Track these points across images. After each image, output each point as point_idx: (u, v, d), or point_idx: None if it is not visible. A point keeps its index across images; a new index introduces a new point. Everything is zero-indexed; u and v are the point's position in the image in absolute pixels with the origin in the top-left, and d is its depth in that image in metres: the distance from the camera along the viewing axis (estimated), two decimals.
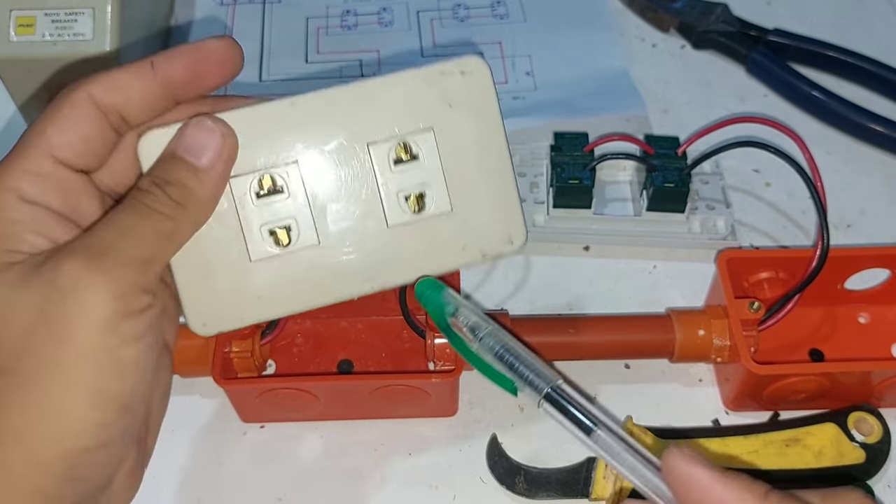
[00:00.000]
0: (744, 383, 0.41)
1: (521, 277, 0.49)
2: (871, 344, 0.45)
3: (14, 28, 0.49)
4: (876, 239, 0.50)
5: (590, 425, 0.30)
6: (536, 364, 0.31)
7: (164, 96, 0.30)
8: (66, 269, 0.26)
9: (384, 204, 0.32)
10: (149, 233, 0.28)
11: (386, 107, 0.31)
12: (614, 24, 0.61)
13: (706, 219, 0.49)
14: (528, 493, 0.40)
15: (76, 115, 0.28)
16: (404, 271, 0.32)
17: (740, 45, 0.58)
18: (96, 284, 0.26)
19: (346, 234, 0.32)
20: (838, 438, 0.40)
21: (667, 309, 0.44)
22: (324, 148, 0.31)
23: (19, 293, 0.26)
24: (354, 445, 0.42)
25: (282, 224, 0.31)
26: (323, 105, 0.31)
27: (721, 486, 0.27)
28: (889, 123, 0.53)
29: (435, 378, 0.40)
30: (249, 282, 0.31)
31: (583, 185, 0.48)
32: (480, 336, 0.31)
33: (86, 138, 0.29)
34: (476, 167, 0.32)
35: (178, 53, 0.30)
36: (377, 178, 0.32)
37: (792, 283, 0.43)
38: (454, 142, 0.32)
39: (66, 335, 0.26)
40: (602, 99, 0.56)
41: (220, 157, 0.30)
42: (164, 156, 0.30)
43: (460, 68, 0.31)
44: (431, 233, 0.32)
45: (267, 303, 0.32)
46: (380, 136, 0.31)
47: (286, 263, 0.32)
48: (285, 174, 0.31)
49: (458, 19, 0.62)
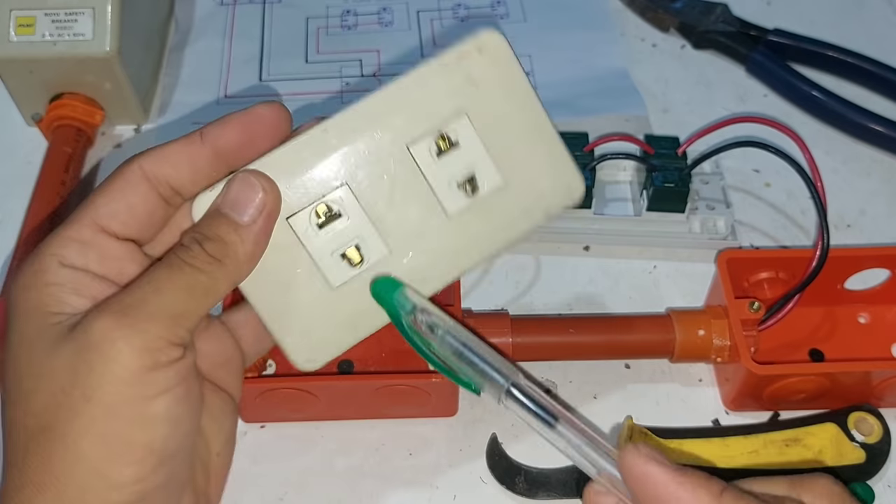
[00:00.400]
0: (744, 383, 0.41)
1: (521, 277, 0.49)
2: (871, 344, 0.45)
3: (14, 28, 0.50)
4: (876, 239, 0.50)
5: (550, 420, 0.30)
6: (496, 361, 0.31)
7: (215, 165, 0.31)
8: (96, 326, 0.27)
9: (438, 196, 0.32)
10: (181, 287, 0.28)
11: (413, 106, 0.32)
12: (614, 24, 0.61)
13: (706, 219, 0.49)
14: (528, 493, 0.40)
15: (125, 186, 0.30)
16: (477, 252, 0.33)
17: (740, 45, 0.58)
18: (122, 339, 0.27)
19: (411, 236, 0.32)
20: (838, 438, 0.40)
21: (667, 309, 0.44)
22: (366, 162, 0.32)
23: (55, 352, 0.27)
24: (354, 445, 0.42)
25: (350, 244, 0.32)
26: (353, 122, 0.31)
27: (676, 485, 0.27)
28: (889, 123, 0.53)
29: (435, 378, 0.40)
30: (339, 308, 0.32)
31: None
32: (439, 334, 0.31)
33: (132, 208, 0.30)
34: (516, 135, 0.32)
35: (228, 122, 0.30)
36: (425, 175, 0.32)
37: (792, 283, 0.43)
38: (489, 119, 0.32)
39: (94, 390, 0.27)
40: (602, 99, 0.56)
41: (262, 213, 0.30)
42: (208, 212, 0.30)
43: (477, 47, 0.31)
44: (492, 210, 0.33)
45: (360, 321, 0.33)
46: (416, 134, 0.32)
47: (366, 280, 0.32)
48: (338, 198, 0.32)
49: (458, 19, 0.62)
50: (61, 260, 0.29)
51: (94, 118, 0.53)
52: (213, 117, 0.31)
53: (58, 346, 0.28)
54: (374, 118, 0.31)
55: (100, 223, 0.29)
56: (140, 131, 0.56)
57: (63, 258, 0.29)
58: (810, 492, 0.29)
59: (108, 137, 0.55)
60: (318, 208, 0.32)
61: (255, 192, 0.30)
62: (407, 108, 0.32)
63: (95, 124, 0.53)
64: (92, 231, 0.29)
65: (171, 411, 0.28)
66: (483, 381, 0.31)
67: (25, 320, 0.29)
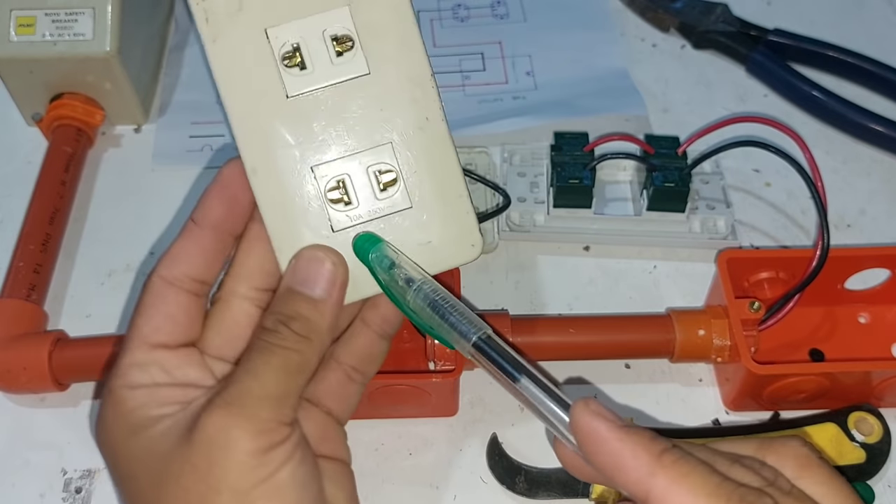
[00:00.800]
0: (744, 383, 0.41)
1: (521, 277, 0.49)
2: (871, 344, 0.45)
3: (14, 28, 0.50)
4: (876, 239, 0.50)
5: (515, 373, 0.30)
6: (466, 314, 0.31)
7: (220, 241, 0.32)
8: (209, 422, 0.28)
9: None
10: (278, 369, 0.30)
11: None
12: (614, 24, 0.61)
13: (706, 219, 0.49)
14: (528, 493, 0.40)
15: (155, 300, 0.31)
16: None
17: (740, 45, 0.58)
18: (236, 428, 0.28)
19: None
20: (838, 438, 0.40)
21: (667, 309, 0.44)
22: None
23: (170, 458, 0.29)
24: (354, 445, 0.42)
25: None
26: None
27: (616, 441, 0.27)
28: (889, 123, 0.53)
29: (435, 378, 0.40)
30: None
31: (583, 184, 0.48)
32: (413, 288, 0.31)
33: (171, 317, 0.31)
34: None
35: (208, 198, 0.32)
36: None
37: (792, 283, 0.43)
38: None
39: (221, 481, 0.28)
40: (602, 99, 0.56)
41: (335, 286, 0.31)
42: (280, 291, 0.31)
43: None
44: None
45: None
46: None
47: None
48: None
49: (458, 19, 0.62)
50: (130, 386, 0.30)
51: (94, 118, 0.53)
52: (213, 117, 0.31)
53: (172, 453, 0.29)
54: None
55: (148, 342, 0.31)
56: (140, 131, 0.56)
57: (130, 384, 0.30)
58: (775, 453, 0.28)
59: (108, 137, 0.55)
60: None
61: (325, 266, 0.31)
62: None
63: (95, 124, 0.53)
64: (144, 352, 0.31)
65: (297, 476, 0.29)
66: (454, 334, 0.31)
67: (127, 447, 0.30)
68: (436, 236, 0.32)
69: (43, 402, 0.44)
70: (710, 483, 0.26)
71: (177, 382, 0.31)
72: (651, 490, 0.26)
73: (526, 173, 0.50)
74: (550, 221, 0.49)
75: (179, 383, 0.31)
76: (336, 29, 0.31)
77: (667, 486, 0.26)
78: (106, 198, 0.52)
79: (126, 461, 0.30)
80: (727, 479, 0.26)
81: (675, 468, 0.26)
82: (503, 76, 0.58)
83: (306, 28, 0.31)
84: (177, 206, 0.52)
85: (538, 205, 0.49)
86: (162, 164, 0.54)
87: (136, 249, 0.50)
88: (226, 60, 0.30)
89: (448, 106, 0.32)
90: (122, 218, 0.51)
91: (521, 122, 0.54)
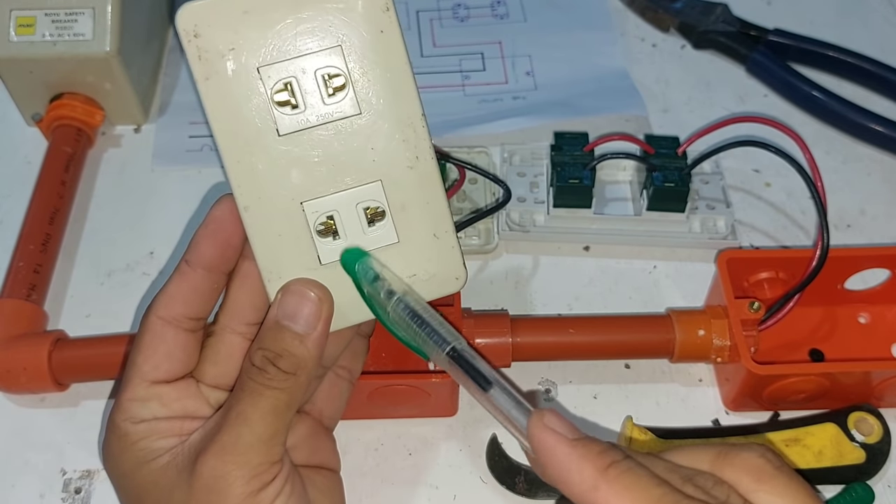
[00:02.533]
0: (744, 383, 0.41)
1: (521, 277, 0.49)
2: (871, 344, 0.45)
3: (14, 28, 0.50)
4: (876, 239, 0.50)
5: (484, 384, 0.30)
6: (441, 327, 0.31)
7: (213, 280, 0.33)
8: (204, 470, 0.30)
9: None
10: (267, 412, 0.31)
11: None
12: (614, 24, 0.61)
13: (706, 219, 0.49)
14: (528, 493, 0.40)
15: (153, 339, 0.32)
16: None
17: (740, 45, 0.58)
18: (230, 474, 0.30)
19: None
20: (838, 438, 0.40)
21: (667, 309, 0.44)
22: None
23: (171, 495, 0.31)
24: (354, 445, 0.42)
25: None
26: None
27: (564, 455, 0.27)
28: (889, 123, 0.53)
29: (435, 378, 0.40)
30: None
31: (583, 184, 0.48)
32: (393, 300, 0.32)
33: (169, 355, 0.32)
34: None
35: (200, 240, 0.32)
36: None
37: (792, 283, 0.43)
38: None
39: None
40: (602, 99, 0.56)
41: (320, 319, 0.32)
42: (267, 324, 0.32)
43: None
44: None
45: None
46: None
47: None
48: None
49: (458, 19, 0.62)
50: (132, 420, 0.32)
51: (94, 118, 0.53)
52: None
53: (173, 490, 0.31)
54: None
55: (148, 379, 0.32)
56: (140, 131, 0.56)
57: (132, 418, 0.32)
58: (732, 466, 0.28)
59: (108, 137, 0.55)
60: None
61: (309, 300, 0.31)
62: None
63: (95, 124, 0.53)
64: (144, 388, 0.32)
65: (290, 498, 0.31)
66: (429, 346, 0.31)
67: (133, 478, 0.32)
68: (421, 270, 0.33)
69: (43, 402, 0.44)
70: (652, 496, 0.26)
71: (175, 415, 0.32)
72: (594, 503, 0.27)
73: (526, 173, 0.50)
74: (550, 221, 0.49)
75: (178, 416, 0.32)
76: (328, 69, 0.31)
77: (607, 499, 0.26)
78: (106, 198, 0.52)
79: (134, 489, 0.32)
80: (672, 490, 0.26)
81: (619, 481, 0.26)
82: (503, 76, 0.58)
83: (298, 67, 0.31)
84: (177, 206, 0.52)
85: (538, 205, 0.49)
86: (162, 164, 0.54)
87: (136, 249, 0.50)
88: (218, 98, 0.31)
89: (448, 106, 0.32)
90: (122, 218, 0.51)
91: (521, 122, 0.54)
